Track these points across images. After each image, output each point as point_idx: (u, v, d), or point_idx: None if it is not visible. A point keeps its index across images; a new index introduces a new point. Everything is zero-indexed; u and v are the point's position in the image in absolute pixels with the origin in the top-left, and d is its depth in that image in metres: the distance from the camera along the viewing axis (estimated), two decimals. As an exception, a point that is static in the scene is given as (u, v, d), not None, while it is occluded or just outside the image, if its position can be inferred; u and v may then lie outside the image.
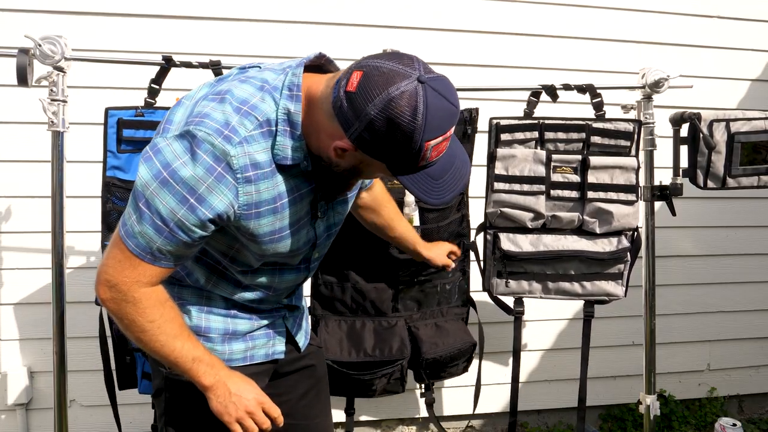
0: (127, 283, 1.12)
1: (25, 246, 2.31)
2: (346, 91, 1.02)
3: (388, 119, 1.00)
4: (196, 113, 1.08)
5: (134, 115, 1.76)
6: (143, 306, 1.14)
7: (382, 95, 1.00)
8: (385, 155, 1.05)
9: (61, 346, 1.70)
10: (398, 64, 1.03)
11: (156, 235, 1.08)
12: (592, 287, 2.04)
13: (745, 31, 2.79)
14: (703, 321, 2.92)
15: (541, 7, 2.60)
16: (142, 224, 1.08)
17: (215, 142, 1.05)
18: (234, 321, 1.31)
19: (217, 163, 1.05)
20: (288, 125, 1.10)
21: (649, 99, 2.05)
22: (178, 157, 1.05)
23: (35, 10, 2.22)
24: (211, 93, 1.11)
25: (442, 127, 1.04)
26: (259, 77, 1.13)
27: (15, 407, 2.35)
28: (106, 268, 1.13)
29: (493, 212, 2.00)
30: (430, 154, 1.06)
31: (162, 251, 1.10)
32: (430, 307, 2.02)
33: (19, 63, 1.58)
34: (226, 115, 1.07)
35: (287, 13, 2.40)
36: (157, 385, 1.35)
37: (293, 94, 1.09)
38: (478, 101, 2.16)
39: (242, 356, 1.33)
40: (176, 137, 1.07)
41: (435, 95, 1.02)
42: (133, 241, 1.10)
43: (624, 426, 2.81)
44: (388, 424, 2.75)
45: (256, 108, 1.08)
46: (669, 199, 2.04)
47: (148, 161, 1.07)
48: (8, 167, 2.28)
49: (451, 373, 2.02)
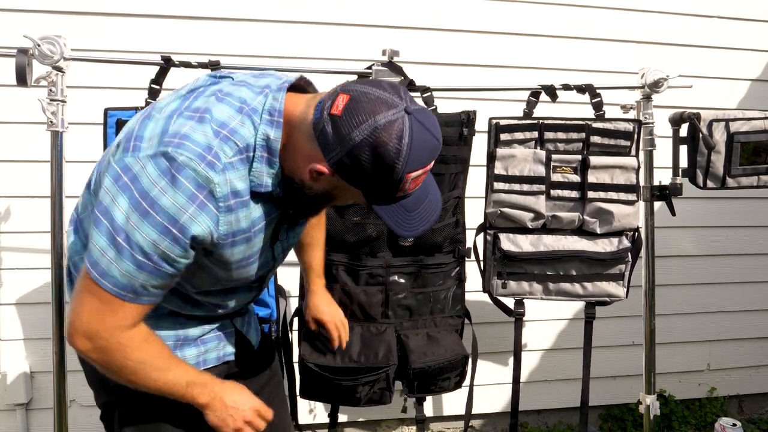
0: (108, 330, 1.05)
1: (25, 246, 2.31)
2: (330, 114, 0.99)
3: (373, 147, 0.98)
4: (173, 132, 1.01)
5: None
6: (130, 349, 1.08)
7: (369, 122, 0.97)
8: (364, 183, 1.03)
9: (61, 346, 1.70)
10: (385, 93, 1.01)
11: (137, 271, 1.01)
12: (593, 288, 2.03)
13: (745, 31, 2.79)
14: (703, 321, 2.92)
15: (541, 7, 2.60)
16: (121, 261, 1.00)
17: (198, 168, 0.99)
18: (184, 327, 1.27)
19: (199, 191, 1.00)
20: (266, 151, 1.06)
21: (648, 99, 2.05)
22: (155, 183, 0.98)
23: (35, 10, 2.22)
24: (186, 109, 1.05)
25: (423, 160, 1.03)
26: (237, 96, 1.07)
27: (15, 407, 2.35)
28: (81, 317, 1.05)
29: (493, 212, 2.00)
30: (408, 186, 1.04)
31: (145, 287, 1.04)
32: (422, 316, 1.93)
33: (18, 63, 1.58)
34: (208, 138, 1.01)
35: (287, 13, 2.40)
36: (103, 401, 1.30)
37: (274, 120, 1.05)
38: (478, 101, 2.16)
39: (195, 361, 1.29)
40: (150, 158, 0.99)
41: (420, 128, 1.00)
42: (110, 281, 1.02)
43: (624, 426, 2.81)
44: (388, 424, 2.75)
45: (235, 132, 1.03)
46: (669, 199, 2.04)
47: (124, 190, 0.99)
48: (8, 167, 2.28)
49: (443, 387, 1.91)
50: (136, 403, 1.23)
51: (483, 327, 2.06)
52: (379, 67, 1.86)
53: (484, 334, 2.16)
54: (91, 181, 1.19)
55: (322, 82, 2.01)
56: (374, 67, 1.86)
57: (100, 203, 1.02)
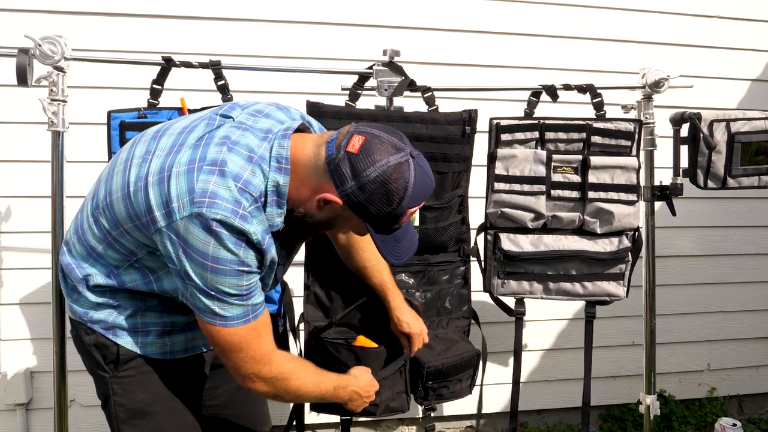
0: (267, 356, 1.27)
1: (25, 246, 2.31)
2: (347, 151, 1.14)
3: (383, 183, 1.14)
4: (201, 191, 1.12)
5: (137, 117, 1.76)
6: (287, 370, 1.31)
7: (382, 162, 1.14)
8: (370, 215, 1.18)
9: (61, 346, 1.70)
10: (393, 138, 1.18)
11: (241, 301, 1.20)
12: (593, 287, 2.03)
13: (745, 31, 2.80)
14: (703, 321, 2.92)
15: (541, 7, 2.61)
16: (227, 305, 1.19)
17: (234, 224, 1.13)
18: (171, 315, 1.37)
19: (240, 238, 1.15)
20: (275, 195, 1.19)
21: (649, 99, 2.05)
22: (205, 242, 1.13)
23: (35, 10, 2.22)
24: (202, 161, 1.15)
25: (421, 197, 1.20)
26: (244, 144, 1.18)
27: (15, 407, 2.35)
28: (245, 366, 1.25)
29: (493, 212, 2.00)
30: (404, 220, 1.21)
31: (255, 303, 1.23)
32: (430, 317, 1.90)
33: (19, 63, 1.58)
34: (232, 192, 1.13)
35: (287, 13, 2.40)
36: (103, 393, 1.40)
37: (282, 167, 1.18)
38: (478, 101, 2.15)
39: (183, 347, 1.41)
40: (188, 219, 1.13)
41: (420, 170, 1.18)
42: (233, 321, 1.20)
43: (624, 426, 2.82)
44: (388, 424, 2.75)
45: (249, 184, 1.16)
46: (669, 199, 2.04)
47: (186, 256, 1.14)
48: (8, 167, 2.28)
49: (454, 392, 1.87)
50: (130, 392, 1.36)
51: (483, 327, 2.06)
52: (380, 67, 1.85)
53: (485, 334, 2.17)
54: (98, 197, 1.28)
55: (323, 82, 2.03)
56: (375, 67, 1.86)
57: (175, 269, 1.18)
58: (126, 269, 1.29)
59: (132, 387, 1.36)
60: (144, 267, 1.29)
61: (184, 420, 1.42)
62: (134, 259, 1.27)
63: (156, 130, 1.28)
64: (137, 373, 1.36)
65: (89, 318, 1.33)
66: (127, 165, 1.23)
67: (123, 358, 1.34)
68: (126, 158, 1.25)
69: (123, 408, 1.37)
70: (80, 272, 1.31)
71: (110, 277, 1.29)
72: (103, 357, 1.35)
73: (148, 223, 1.18)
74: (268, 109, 1.29)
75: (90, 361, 1.38)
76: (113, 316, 1.32)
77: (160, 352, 1.37)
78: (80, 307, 1.34)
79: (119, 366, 1.35)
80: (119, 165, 1.26)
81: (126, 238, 1.24)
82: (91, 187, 1.36)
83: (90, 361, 1.38)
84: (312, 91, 2.12)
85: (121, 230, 1.23)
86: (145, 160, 1.21)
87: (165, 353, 1.38)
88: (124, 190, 1.21)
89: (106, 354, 1.34)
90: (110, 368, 1.35)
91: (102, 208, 1.25)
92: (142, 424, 1.37)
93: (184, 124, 1.26)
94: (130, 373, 1.35)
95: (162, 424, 1.38)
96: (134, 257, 1.27)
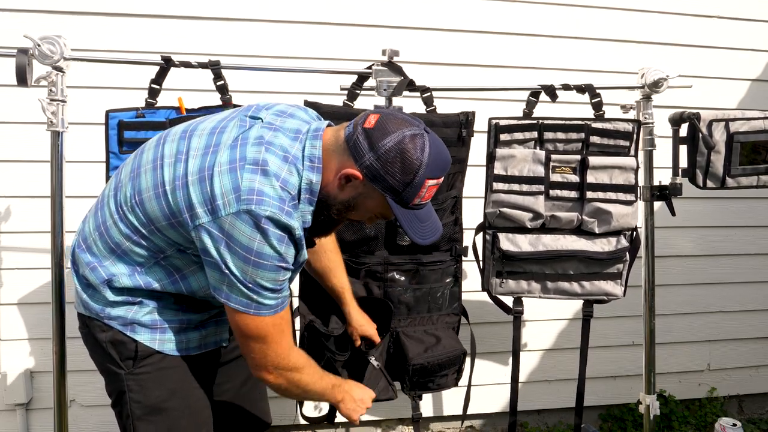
0: (287, 348, 1.33)
1: (25, 246, 2.31)
2: (363, 127, 1.20)
3: (400, 151, 1.18)
4: (247, 189, 1.17)
5: (135, 116, 1.76)
6: (300, 365, 1.37)
7: (397, 133, 1.19)
8: (390, 185, 1.21)
9: (61, 346, 1.70)
10: (407, 116, 1.25)
11: (273, 294, 1.26)
12: (591, 287, 2.04)
13: (745, 31, 2.79)
14: (703, 321, 2.92)
15: (541, 7, 2.60)
16: (261, 297, 1.24)
17: (281, 220, 1.18)
18: (186, 313, 1.40)
19: (284, 233, 1.20)
20: (308, 193, 1.25)
21: (648, 99, 2.05)
22: (251, 238, 1.17)
23: (35, 10, 2.22)
24: (246, 162, 1.19)
25: (439, 169, 1.23)
26: (278, 145, 1.23)
27: (15, 407, 2.35)
28: (266, 356, 1.30)
29: (492, 212, 2.00)
30: (424, 194, 1.24)
31: (284, 296, 1.30)
32: (420, 314, 1.96)
33: (19, 63, 1.58)
34: (276, 190, 1.19)
35: (287, 13, 2.40)
36: (116, 390, 1.40)
37: (314, 165, 1.24)
38: (478, 101, 2.16)
39: (197, 344, 1.44)
40: (235, 215, 1.16)
41: (437, 143, 1.23)
42: (266, 310, 1.26)
43: (624, 426, 2.81)
44: (388, 424, 2.75)
45: (287, 183, 1.21)
46: (668, 199, 2.04)
47: (230, 250, 1.18)
48: (8, 167, 2.28)
49: (440, 384, 1.93)
50: (147, 389, 1.37)
51: (482, 327, 2.07)
52: (379, 67, 1.85)
53: (484, 334, 2.17)
54: (123, 194, 1.30)
55: (323, 82, 2.03)
56: (374, 67, 1.86)
57: (213, 262, 1.21)
58: (151, 267, 1.31)
59: (148, 384, 1.37)
60: (170, 265, 1.31)
61: (198, 416, 1.43)
62: (161, 257, 1.29)
63: (183, 130, 1.30)
64: (154, 370, 1.37)
65: (107, 314, 1.34)
66: (156, 164, 1.25)
67: (141, 354, 1.35)
68: (153, 157, 1.27)
69: (139, 405, 1.37)
70: (104, 272, 1.31)
71: (134, 275, 1.31)
72: (119, 354, 1.35)
73: (187, 219, 1.21)
74: (290, 109, 1.34)
75: (103, 357, 1.38)
76: (132, 312, 1.34)
77: (177, 349, 1.39)
78: (96, 303, 1.34)
79: (137, 362, 1.35)
80: (146, 164, 1.28)
81: (157, 236, 1.26)
82: (109, 184, 1.37)
83: (103, 358, 1.38)
84: (311, 91, 2.12)
85: (152, 228, 1.25)
86: (179, 160, 1.23)
87: (181, 350, 1.40)
88: (158, 189, 1.23)
89: (123, 350, 1.35)
90: (126, 365, 1.35)
91: (131, 205, 1.27)
92: (158, 420, 1.38)
93: (212, 125, 1.29)
94: (146, 370, 1.36)
95: (177, 421, 1.39)
96: (162, 255, 1.29)
